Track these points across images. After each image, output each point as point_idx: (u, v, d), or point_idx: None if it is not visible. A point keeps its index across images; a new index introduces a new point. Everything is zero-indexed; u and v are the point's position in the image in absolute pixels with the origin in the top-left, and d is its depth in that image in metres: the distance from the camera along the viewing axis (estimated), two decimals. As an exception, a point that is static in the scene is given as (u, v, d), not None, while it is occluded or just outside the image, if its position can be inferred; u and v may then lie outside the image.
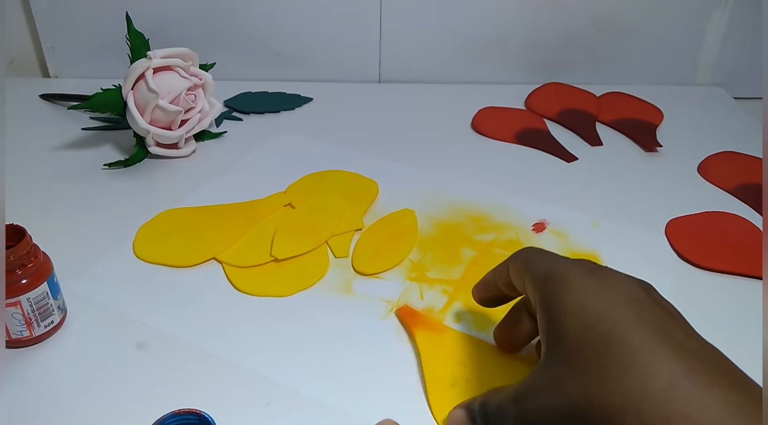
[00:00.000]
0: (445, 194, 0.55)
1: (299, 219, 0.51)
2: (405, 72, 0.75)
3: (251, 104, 0.69)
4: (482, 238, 0.50)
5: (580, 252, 0.49)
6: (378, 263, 0.47)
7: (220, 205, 0.53)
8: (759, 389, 0.26)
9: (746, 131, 0.67)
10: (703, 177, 0.60)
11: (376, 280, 0.46)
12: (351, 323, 0.42)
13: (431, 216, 0.53)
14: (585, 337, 0.28)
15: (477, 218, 0.52)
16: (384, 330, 0.42)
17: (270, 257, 0.47)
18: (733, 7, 0.71)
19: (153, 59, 0.56)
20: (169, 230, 0.50)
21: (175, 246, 0.48)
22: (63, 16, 0.71)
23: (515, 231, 0.51)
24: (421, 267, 0.47)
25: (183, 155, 0.60)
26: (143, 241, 0.49)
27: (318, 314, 0.43)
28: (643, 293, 0.29)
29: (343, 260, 0.48)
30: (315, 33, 0.73)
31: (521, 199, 0.55)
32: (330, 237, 0.50)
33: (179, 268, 0.46)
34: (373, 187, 0.56)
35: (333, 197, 0.54)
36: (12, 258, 0.37)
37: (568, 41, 0.73)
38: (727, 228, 0.53)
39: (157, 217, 0.51)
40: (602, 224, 0.52)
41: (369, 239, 0.50)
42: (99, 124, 0.64)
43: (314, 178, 0.57)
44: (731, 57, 0.74)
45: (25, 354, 0.39)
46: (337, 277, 0.46)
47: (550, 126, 0.67)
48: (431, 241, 0.50)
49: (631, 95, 0.72)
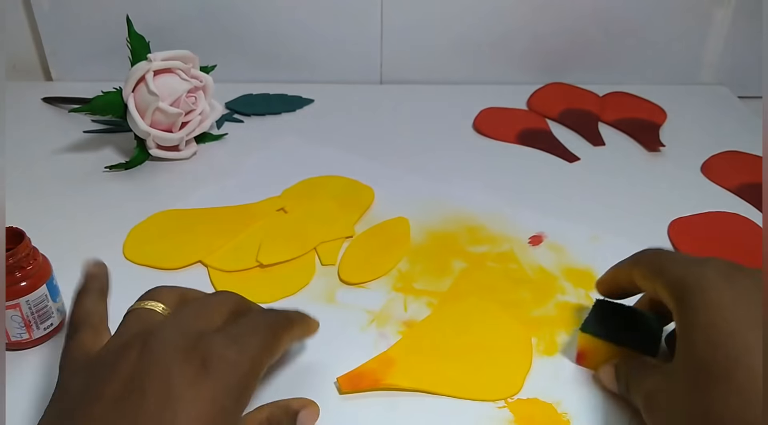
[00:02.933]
0: (441, 202, 0.54)
1: (289, 225, 0.51)
2: (406, 73, 0.75)
3: (252, 106, 0.69)
4: (475, 250, 0.49)
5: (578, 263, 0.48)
6: (365, 272, 0.46)
7: (213, 207, 0.52)
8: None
9: (750, 130, 0.67)
10: (706, 176, 0.59)
11: (361, 290, 0.45)
12: (330, 334, 0.40)
13: (425, 225, 0.51)
14: (712, 356, 0.28)
15: (472, 228, 0.51)
16: (363, 342, 0.41)
17: (256, 262, 0.47)
18: (737, 6, 0.71)
19: (153, 62, 0.56)
20: (161, 232, 0.50)
21: (164, 248, 0.48)
22: (64, 20, 0.71)
23: (510, 243, 0.50)
24: (409, 278, 0.46)
25: (184, 157, 0.60)
26: (134, 243, 0.49)
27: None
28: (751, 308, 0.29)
29: (330, 268, 0.47)
30: (316, 34, 0.72)
31: (521, 205, 0.54)
32: (319, 244, 0.49)
33: (165, 270, 0.46)
34: (368, 194, 0.55)
35: (326, 203, 0.53)
36: (11, 260, 0.37)
37: (570, 41, 0.73)
38: (730, 228, 0.52)
39: (150, 219, 0.51)
40: (603, 225, 0.52)
41: (358, 247, 0.49)
42: (100, 126, 0.64)
43: (310, 183, 0.56)
44: (735, 56, 0.74)
45: (24, 356, 0.39)
46: (321, 285, 0.45)
47: (552, 126, 0.67)
48: (422, 251, 0.49)
49: (633, 95, 0.72)
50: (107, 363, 0.29)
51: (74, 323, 0.33)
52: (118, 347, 0.30)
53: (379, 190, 0.55)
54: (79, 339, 0.32)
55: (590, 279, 0.45)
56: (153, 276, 0.46)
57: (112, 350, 0.30)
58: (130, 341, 0.30)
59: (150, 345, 0.29)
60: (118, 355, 0.29)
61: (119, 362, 0.29)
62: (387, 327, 0.42)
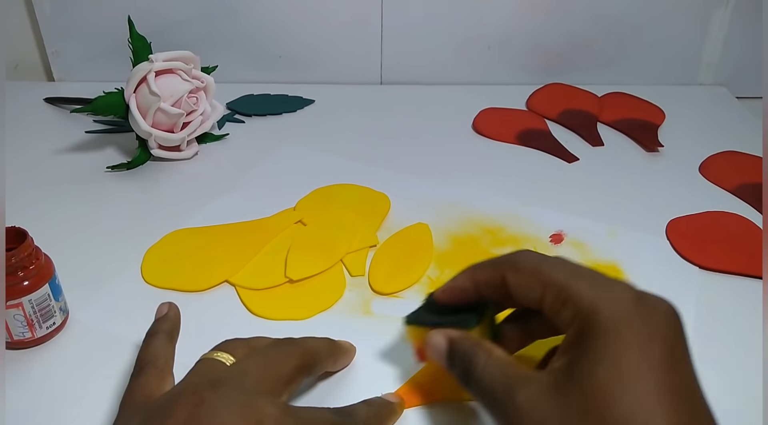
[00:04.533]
0: (455, 204, 0.54)
1: (312, 237, 0.49)
2: (406, 73, 0.75)
3: (253, 106, 0.70)
4: (500, 252, 0.48)
5: (598, 262, 0.48)
6: (396, 281, 0.46)
7: (227, 224, 0.51)
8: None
9: (749, 131, 0.67)
10: (704, 177, 0.59)
11: (396, 300, 0.45)
12: (373, 346, 0.40)
13: (445, 230, 0.51)
14: (608, 403, 0.26)
15: (492, 230, 0.51)
16: (407, 352, 0.39)
17: (284, 278, 0.45)
18: (735, 6, 0.71)
19: (155, 62, 0.56)
20: (177, 253, 0.48)
21: (184, 269, 0.46)
22: (66, 21, 0.71)
23: (532, 243, 0.50)
24: (441, 285, 0.45)
25: (185, 157, 0.60)
26: (152, 266, 0.47)
27: (338, 337, 0.39)
28: (676, 345, 0.28)
29: (360, 279, 0.46)
30: (317, 35, 0.73)
31: (531, 207, 0.54)
32: (345, 255, 0.48)
33: (190, 293, 0.44)
34: (384, 201, 0.54)
35: (345, 213, 0.52)
36: (14, 260, 0.37)
37: (569, 42, 0.73)
38: (728, 228, 0.52)
39: (164, 239, 0.49)
40: (608, 226, 0.52)
41: (384, 256, 0.48)
42: (102, 127, 0.65)
43: (324, 193, 0.55)
44: (734, 56, 0.74)
45: (27, 355, 0.40)
46: (354, 298, 0.45)
47: (552, 126, 0.67)
48: (448, 256, 0.48)
49: (632, 95, 0.72)
50: (165, 409, 0.29)
51: (140, 363, 0.34)
52: (178, 395, 0.30)
53: (392, 196, 0.55)
54: (143, 380, 0.33)
55: (618, 274, 0.46)
56: (177, 298, 0.41)
57: (173, 397, 0.30)
58: (192, 390, 0.30)
59: (209, 398, 0.29)
60: (177, 403, 0.29)
61: (176, 409, 0.29)
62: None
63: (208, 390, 0.30)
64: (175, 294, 0.45)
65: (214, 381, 0.31)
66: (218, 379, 0.31)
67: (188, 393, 0.30)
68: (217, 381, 0.30)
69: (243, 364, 0.33)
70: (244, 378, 0.31)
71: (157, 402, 0.31)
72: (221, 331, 0.37)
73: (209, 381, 0.31)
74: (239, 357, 0.33)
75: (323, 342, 0.37)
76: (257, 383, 0.31)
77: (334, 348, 0.38)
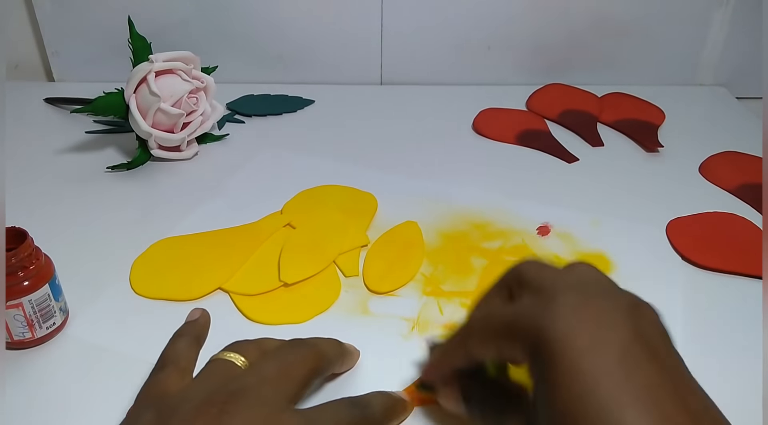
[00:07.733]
0: (444, 202, 0.54)
1: (303, 240, 0.49)
2: (406, 74, 0.75)
3: (253, 107, 0.70)
4: (489, 246, 0.49)
5: (586, 253, 0.49)
6: (391, 280, 0.46)
7: (213, 230, 0.50)
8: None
9: (749, 131, 0.67)
10: (704, 177, 0.60)
11: (392, 298, 0.45)
12: (375, 345, 0.40)
13: (434, 227, 0.51)
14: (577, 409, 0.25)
15: (480, 225, 0.52)
16: (409, 350, 0.40)
17: (279, 282, 0.45)
18: (735, 7, 0.71)
19: (155, 63, 0.56)
20: (165, 262, 0.47)
21: (175, 278, 0.45)
22: (66, 21, 0.71)
23: (521, 236, 0.50)
24: (435, 281, 0.46)
25: (185, 158, 0.60)
26: (141, 277, 0.46)
27: (339, 338, 0.38)
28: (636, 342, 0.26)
29: (354, 279, 0.46)
30: (316, 35, 0.73)
31: (523, 202, 0.54)
32: (337, 256, 0.48)
33: (183, 302, 0.44)
34: (371, 201, 0.54)
35: (332, 214, 0.52)
36: (14, 260, 0.37)
37: (569, 42, 0.73)
38: (728, 228, 0.52)
39: (150, 248, 0.48)
40: (603, 224, 0.52)
41: (377, 255, 0.48)
42: (102, 127, 0.65)
43: (309, 195, 0.55)
44: (734, 56, 0.74)
45: (27, 355, 0.40)
46: (351, 298, 0.45)
47: (551, 127, 0.67)
48: (439, 253, 0.49)
49: (632, 95, 0.72)
50: (183, 411, 0.29)
51: (163, 360, 0.34)
52: (199, 404, 0.29)
53: (380, 195, 0.55)
54: (162, 376, 0.33)
55: (605, 263, 0.48)
56: (170, 308, 0.43)
57: (192, 405, 0.30)
58: (211, 398, 0.30)
59: (230, 411, 0.29)
60: (199, 411, 0.29)
61: (198, 418, 0.28)
62: (429, 333, 0.42)
63: (230, 402, 0.29)
64: (167, 303, 0.44)
65: (234, 391, 0.30)
66: (238, 389, 0.30)
67: (208, 403, 0.29)
68: (237, 392, 0.30)
69: (259, 369, 0.32)
70: (263, 387, 0.31)
71: (173, 399, 0.31)
72: (222, 338, 0.36)
73: (229, 391, 0.30)
74: (251, 360, 0.33)
75: (332, 343, 0.37)
76: (276, 391, 0.31)
77: (343, 349, 0.38)
